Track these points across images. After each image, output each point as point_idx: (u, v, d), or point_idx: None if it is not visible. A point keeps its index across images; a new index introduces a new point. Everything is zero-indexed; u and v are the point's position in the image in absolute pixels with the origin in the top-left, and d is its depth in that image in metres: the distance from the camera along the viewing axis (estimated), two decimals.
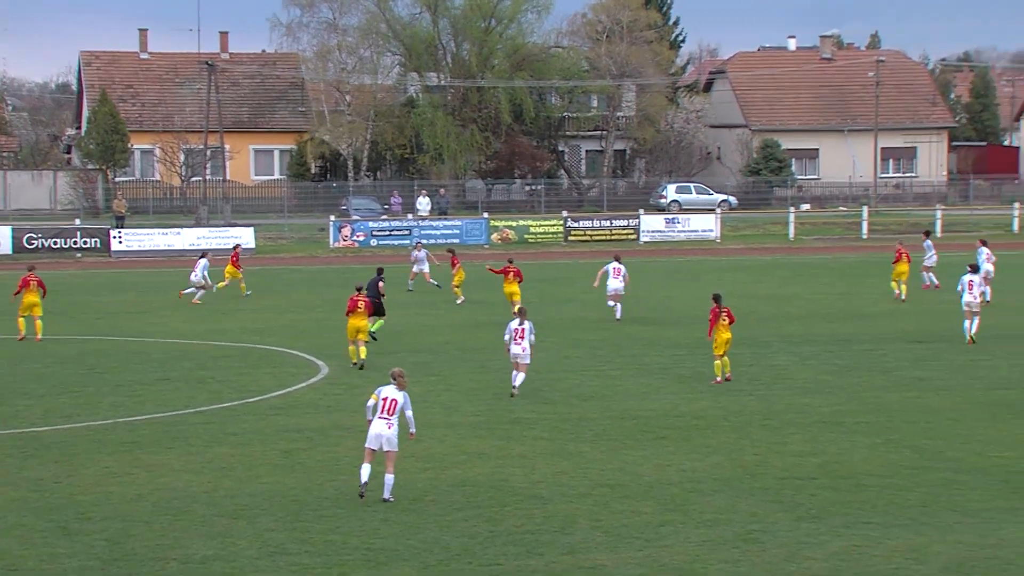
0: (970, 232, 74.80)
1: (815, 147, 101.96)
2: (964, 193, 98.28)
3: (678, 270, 57.54)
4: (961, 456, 22.33)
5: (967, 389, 28.23)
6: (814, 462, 22.02)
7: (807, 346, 34.52)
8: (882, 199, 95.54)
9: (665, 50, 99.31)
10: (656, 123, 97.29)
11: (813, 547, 17.53)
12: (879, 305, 43.07)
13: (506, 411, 26.51)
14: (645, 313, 41.62)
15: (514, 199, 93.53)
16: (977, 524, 18.38)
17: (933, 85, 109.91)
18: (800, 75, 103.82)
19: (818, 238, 74.01)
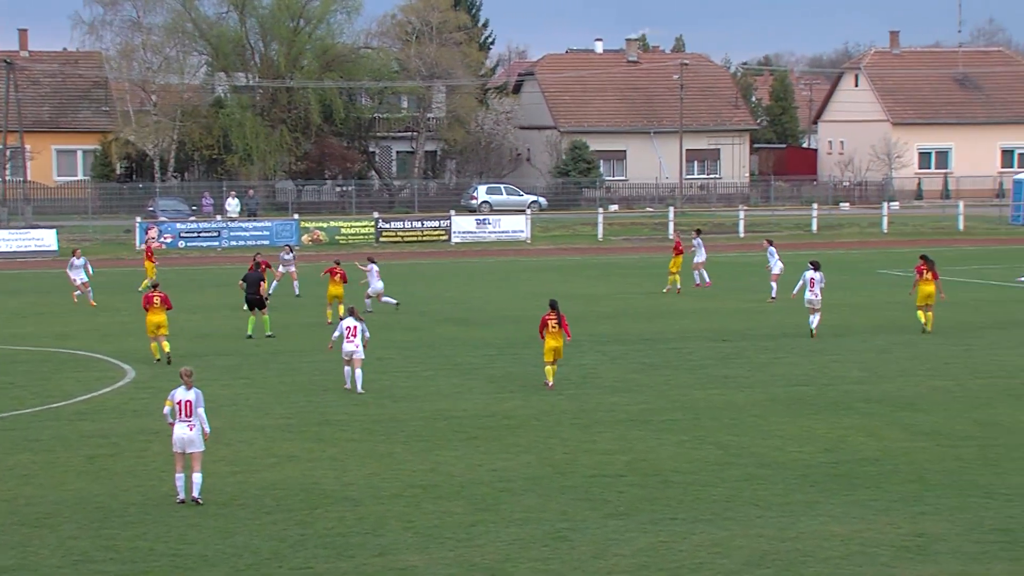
0: (771, 232, 76.73)
1: (623, 149, 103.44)
2: (765, 194, 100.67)
3: (489, 271, 57.86)
4: (763, 452, 22.90)
5: (769, 386, 28.94)
6: (622, 460, 22.37)
7: (615, 345, 35.03)
8: (687, 200, 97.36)
9: (475, 52, 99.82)
10: (466, 124, 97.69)
11: (621, 543, 17.82)
12: (685, 304, 43.89)
13: (317, 413, 26.39)
14: (457, 314, 41.78)
15: (325, 200, 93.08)
16: (778, 517, 18.88)
17: (735, 88, 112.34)
18: (607, 77, 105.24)
19: (626, 238, 75.10)
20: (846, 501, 19.66)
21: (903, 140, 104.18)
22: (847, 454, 22.59)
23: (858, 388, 28.54)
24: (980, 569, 16.58)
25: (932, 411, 26.02)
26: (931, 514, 18.91)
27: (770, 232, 76.21)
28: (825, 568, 16.72)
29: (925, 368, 30.89)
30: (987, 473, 21.19)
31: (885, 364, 31.48)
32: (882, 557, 17.09)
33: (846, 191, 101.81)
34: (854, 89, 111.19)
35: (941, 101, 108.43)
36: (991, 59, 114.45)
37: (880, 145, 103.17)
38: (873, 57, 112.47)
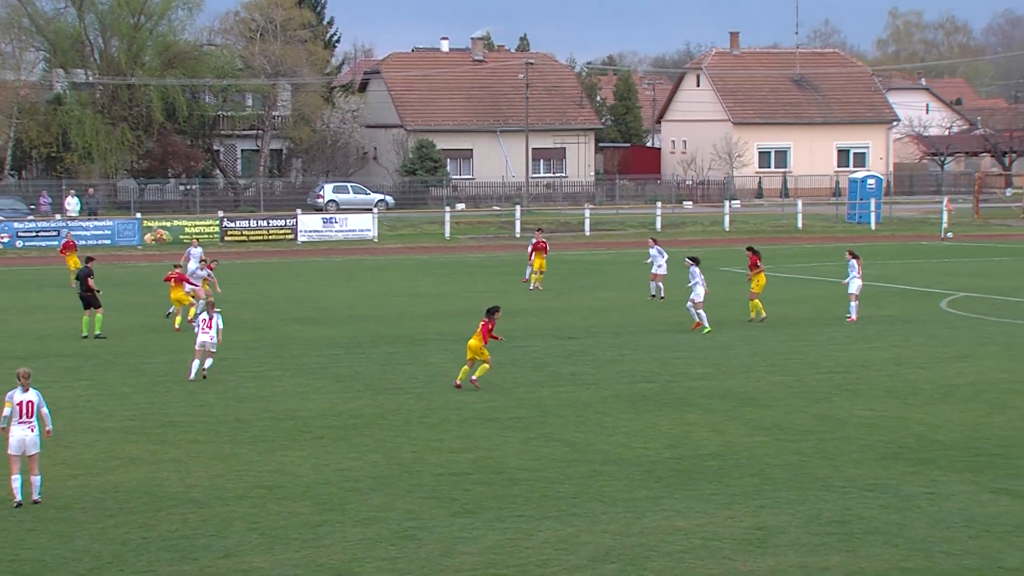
0: (615, 230, 77.53)
1: (469, 147, 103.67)
2: (611, 193, 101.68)
3: (336, 270, 57.57)
4: (608, 448, 23.14)
5: (614, 383, 29.24)
6: (469, 458, 22.44)
7: (462, 343, 35.01)
8: (534, 199, 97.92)
9: (320, 50, 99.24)
10: (312, 123, 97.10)
11: (468, 541, 17.88)
12: (530, 302, 44.13)
13: (160, 415, 26.03)
14: (304, 313, 41.52)
15: (168, 199, 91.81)
16: (623, 513, 19.09)
17: (580, 88, 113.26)
18: (453, 76, 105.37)
19: (473, 237, 75.28)
20: (689, 496, 19.95)
21: (743, 140, 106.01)
22: (690, 449, 22.93)
23: (701, 384, 28.97)
24: (818, 560, 16.95)
25: (773, 406, 26.52)
26: (771, 507, 19.28)
27: (616, 231, 77.01)
28: (668, 562, 16.96)
29: (766, 364, 31.47)
30: (825, 466, 21.66)
31: (728, 360, 31.99)
32: (724, 550, 17.38)
33: (689, 190, 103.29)
34: (696, 89, 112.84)
35: (780, 102, 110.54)
36: (827, 60, 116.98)
37: (721, 144, 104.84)
38: (714, 58, 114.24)
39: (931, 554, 17.09)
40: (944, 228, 73.11)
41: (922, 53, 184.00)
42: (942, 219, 74.49)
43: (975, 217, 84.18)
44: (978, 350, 33.16)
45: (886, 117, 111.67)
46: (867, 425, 24.63)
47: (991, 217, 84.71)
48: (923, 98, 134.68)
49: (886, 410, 25.97)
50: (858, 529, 18.16)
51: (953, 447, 22.82)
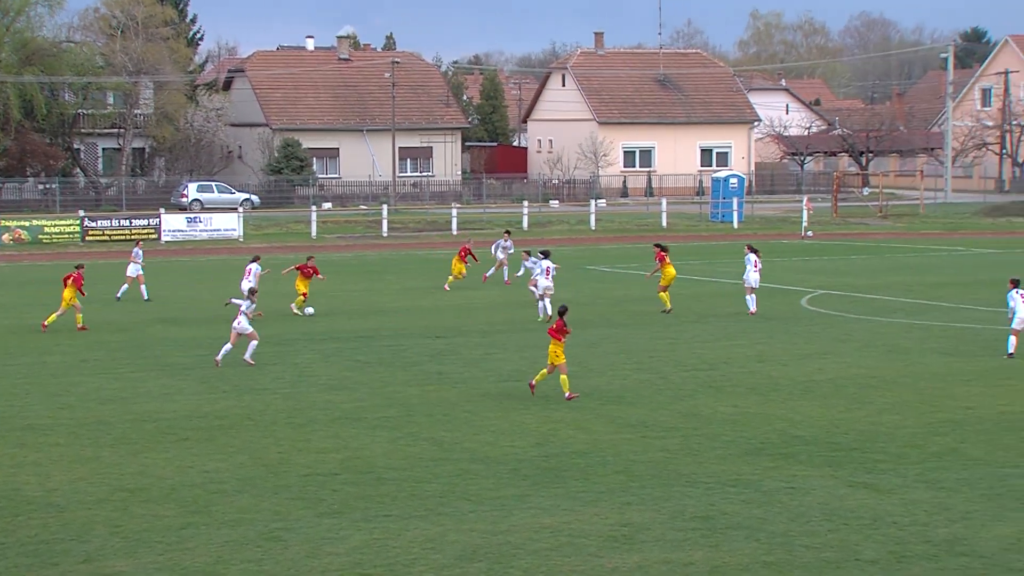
0: (484, 230, 77.71)
1: (335, 146, 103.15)
2: (478, 192, 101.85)
3: (201, 269, 56.95)
4: (475, 447, 23.20)
5: (481, 381, 29.32)
6: (336, 458, 22.35)
7: (330, 343, 34.95)
8: (401, 198, 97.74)
9: (183, 47, 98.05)
10: (175, 121, 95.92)
11: (335, 542, 17.81)
12: (400, 301, 44.08)
13: (19, 418, 25.55)
14: (168, 313, 41.01)
15: (27, 198, 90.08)
16: (490, 511, 19.16)
17: (446, 87, 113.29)
18: (319, 75, 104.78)
19: (340, 236, 74.92)
20: (556, 494, 20.08)
21: (609, 139, 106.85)
22: (557, 447, 23.07)
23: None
24: (682, 556, 17.16)
25: (638, 403, 26.79)
26: (637, 504, 19.47)
27: (484, 231, 77.19)
28: (535, 560, 17.05)
29: (632, 362, 31.76)
30: (689, 462, 21.93)
31: (594, 358, 32.24)
32: (590, 547, 17.53)
33: (555, 189, 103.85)
34: (561, 89, 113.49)
35: (644, 101, 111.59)
36: (690, 61, 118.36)
37: (587, 144, 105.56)
38: (579, 58, 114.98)
39: (792, 548, 17.40)
40: (804, 227, 74.37)
41: (782, 54, 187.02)
42: (802, 218, 75.78)
43: (834, 216, 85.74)
44: (838, 347, 33.80)
45: (747, 117, 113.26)
46: (730, 421, 24.99)
47: (849, 216, 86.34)
48: (783, 98, 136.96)
49: (749, 406, 26.37)
50: (721, 524, 18.42)
51: (813, 442, 23.24)
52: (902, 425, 24.54)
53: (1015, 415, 25.29)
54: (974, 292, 44.98)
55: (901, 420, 24.98)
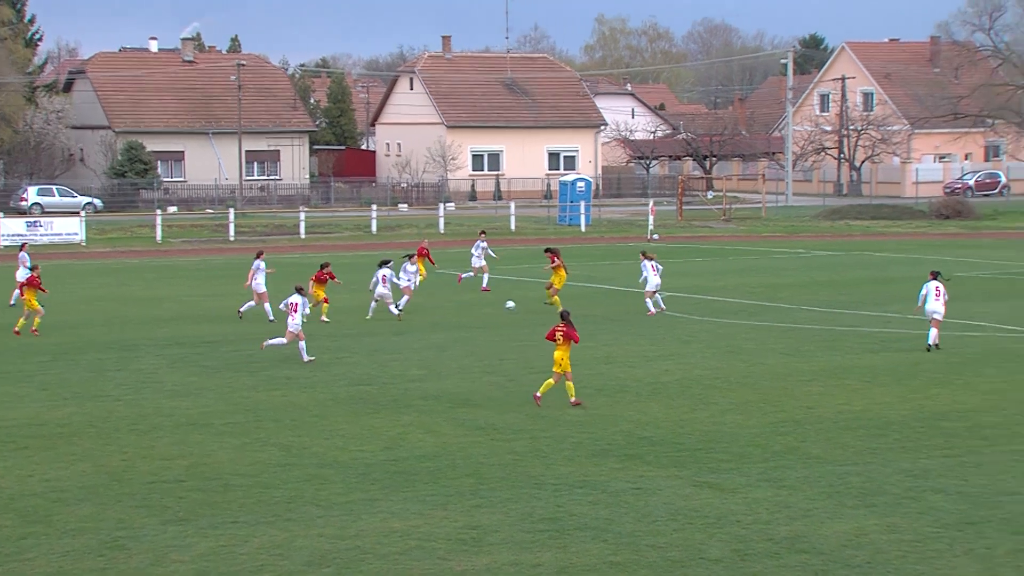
0: (332, 233, 77.32)
1: (181, 149, 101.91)
2: (326, 195, 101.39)
3: (42, 275, 55.66)
4: (324, 451, 23.09)
5: (331, 385, 29.19)
6: (182, 464, 22.08)
7: (176, 348, 34.51)
8: (248, 201, 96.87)
9: (20, 48, 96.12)
10: (14, 123, 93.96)
11: (181, 549, 17.60)
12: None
13: None
14: (5, 319, 40.09)
15: None
16: (339, 516, 19.09)
17: (293, 90, 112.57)
18: (163, 77, 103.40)
19: (186, 240, 73.96)
20: (405, 497, 20.08)
21: (457, 143, 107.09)
22: (406, 451, 23.07)
23: (417, 386, 29.16)
24: (530, 557, 17.28)
25: (487, 406, 26.89)
26: (486, 506, 19.56)
27: (330, 234, 76.80)
28: (384, 564, 17.04)
29: (481, 364, 31.86)
30: (538, 464, 22.08)
31: (443, 361, 32.28)
32: (439, 550, 17.56)
33: (404, 192, 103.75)
34: (409, 92, 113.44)
35: (492, 105, 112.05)
36: (537, 65, 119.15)
37: (435, 147, 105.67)
38: (427, 61, 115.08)
39: (638, 548, 17.62)
40: (650, 230, 75.27)
41: (628, 59, 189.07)
42: (648, 221, 76.68)
43: (679, 219, 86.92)
44: (682, 348, 34.28)
45: (594, 121, 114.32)
46: (578, 423, 25.20)
47: (694, 219, 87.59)
48: (629, 103, 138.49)
49: (596, 408, 26.62)
50: (569, 525, 18.58)
51: (659, 443, 23.55)
52: (745, 425, 24.99)
53: (853, 414, 25.90)
54: (813, 293, 45.94)
55: (744, 420, 25.42)
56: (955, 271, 53.07)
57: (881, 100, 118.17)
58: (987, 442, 23.41)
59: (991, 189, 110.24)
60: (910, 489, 20.28)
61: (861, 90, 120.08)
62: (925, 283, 33.88)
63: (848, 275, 53.17)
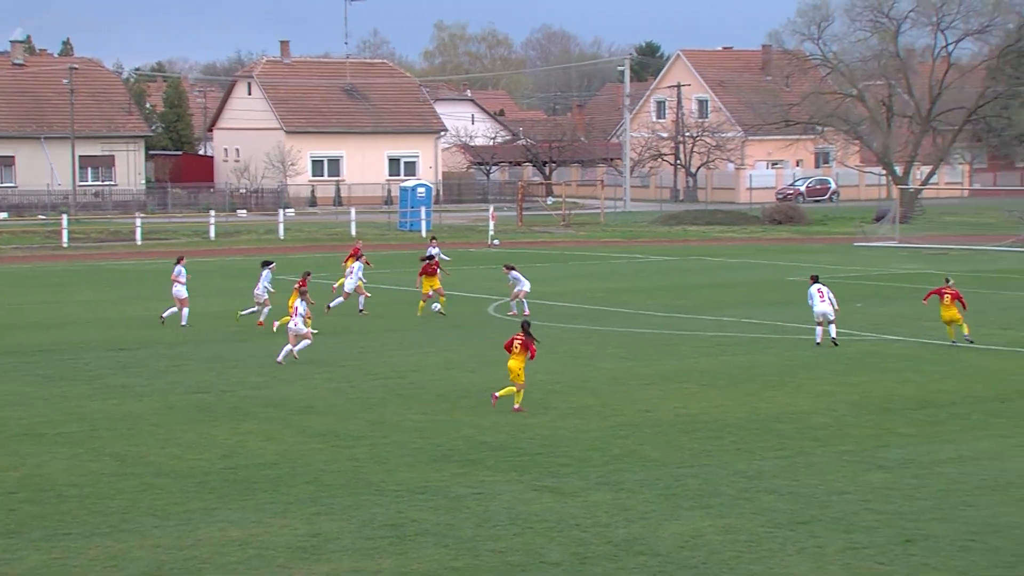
0: (169, 239, 76.24)
1: (11, 154, 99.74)
2: (163, 201, 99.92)
3: None
4: (161, 460, 22.78)
5: (168, 394, 28.80)
6: (14, 476, 21.60)
7: (7, 358, 33.75)
8: (82, 207, 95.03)
9: None
10: None
11: (11, 563, 17.22)
12: (82, 313, 42.86)
13: None
14: None
15: None
16: (176, 526, 18.85)
17: (128, 94, 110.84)
18: None
19: (17, 247, 72.26)
20: (244, 506, 19.89)
21: (296, 148, 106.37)
22: (245, 459, 22.86)
23: (257, 393, 28.91)
24: (371, 564, 17.24)
25: (328, 413, 26.76)
26: (326, 514, 19.47)
27: (169, 240, 75.75)
28: (223, 574, 16.86)
29: (322, 371, 31.69)
30: (379, 471, 22.04)
31: (283, 368, 32.02)
32: (279, 559, 17.43)
33: (243, 198, 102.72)
34: (248, 97, 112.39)
35: (331, 111, 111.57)
36: (377, 71, 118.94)
37: (274, 153, 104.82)
38: (265, 66, 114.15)
39: (479, 553, 17.69)
40: (491, 235, 75.55)
41: (467, 65, 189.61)
42: (489, 227, 76.97)
43: (519, 224, 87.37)
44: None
45: (434, 127, 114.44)
46: (419, 429, 25.21)
47: (534, 224, 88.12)
48: (469, 109, 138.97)
49: (437, 413, 26.66)
50: (410, 531, 18.59)
51: (500, 448, 23.66)
52: (585, 429, 25.22)
53: (690, 416, 26.30)
54: (652, 298, 46.54)
55: (584, 424, 25.66)
56: (787, 276, 54.23)
57: (715, 107, 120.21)
58: (818, 443, 23.96)
59: (821, 195, 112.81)
60: (745, 490, 20.66)
61: (696, 97, 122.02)
62: (809, 288, 35.02)
63: (685, 280, 53.98)
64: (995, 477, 21.35)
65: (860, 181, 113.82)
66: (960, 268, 57.70)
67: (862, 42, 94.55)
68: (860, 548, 17.71)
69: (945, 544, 17.85)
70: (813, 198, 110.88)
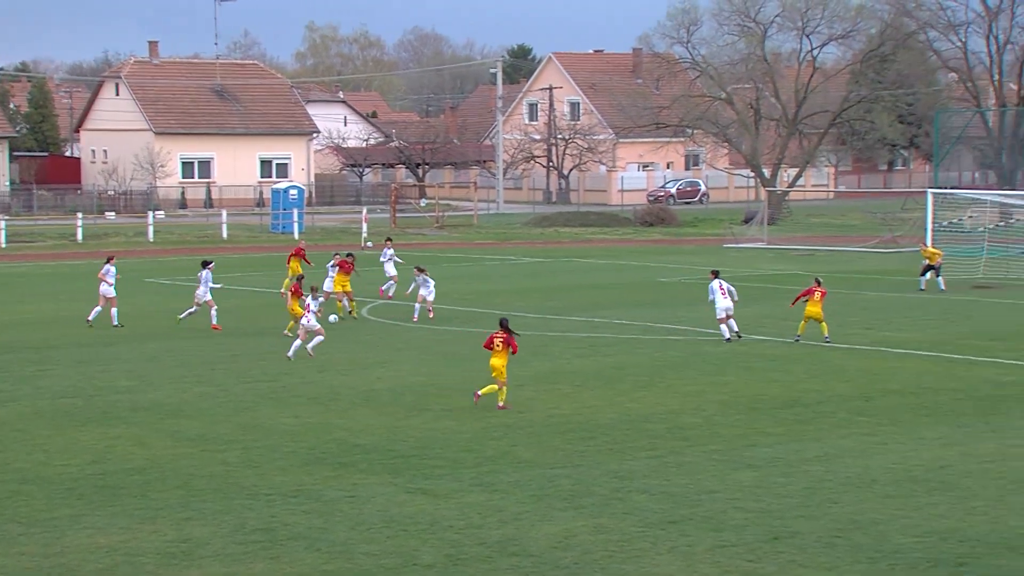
0: (35, 242, 74.88)
1: None
2: (28, 203, 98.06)
3: None
4: (27, 467, 22.39)
5: (34, 399, 28.33)
6: None
7: None
8: None
9: None
10: None
11: None
12: None
13: None
14: None
15: None
16: (42, 533, 18.54)
17: None
18: None
19: None
20: (112, 512, 19.63)
21: (166, 149, 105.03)
22: (114, 464, 22.55)
23: (126, 397, 28.54)
24: (243, 569, 17.12)
25: (198, 417, 26.51)
26: (197, 519, 19.28)
27: (33, 243, 74.44)
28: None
29: (192, 375, 31.38)
30: (250, 475, 21.88)
31: (154, 372, 31.67)
32: (147, 565, 17.24)
33: (111, 200, 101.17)
34: (115, 98, 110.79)
35: (201, 112, 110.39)
36: (247, 72, 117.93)
37: (143, 154, 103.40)
38: (133, 67, 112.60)
39: (352, 556, 17.65)
40: (364, 237, 75.28)
41: (339, 67, 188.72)
42: (362, 229, 76.69)
43: (392, 227, 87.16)
44: (396, 355, 34.44)
45: (306, 129, 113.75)
46: (291, 432, 25.07)
47: (407, 226, 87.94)
48: (341, 110, 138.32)
49: (310, 417, 26.53)
50: (282, 536, 18.48)
51: (373, 450, 23.61)
52: (458, 430, 25.27)
53: (562, 417, 26.47)
54: (525, 299, 46.72)
55: (457, 426, 25.71)
56: (658, 277, 54.81)
57: (587, 110, 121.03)
58: (688, 442, 24.25)
59: (692, 197, 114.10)
60: (616, 490, 20.85)
61: (568, 100, 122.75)
62: (710, 283, 35.87)
63: (558, 281, 54.27)
64: (859, 475, 21.79)
65: (729, 183, 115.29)
66: (825, 269, 58.74)
67: (730, 46, 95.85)
68: (729, 546, 17.97)
69: (811, 541, 18.18)
70: (684, 200, 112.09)
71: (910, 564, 17.22)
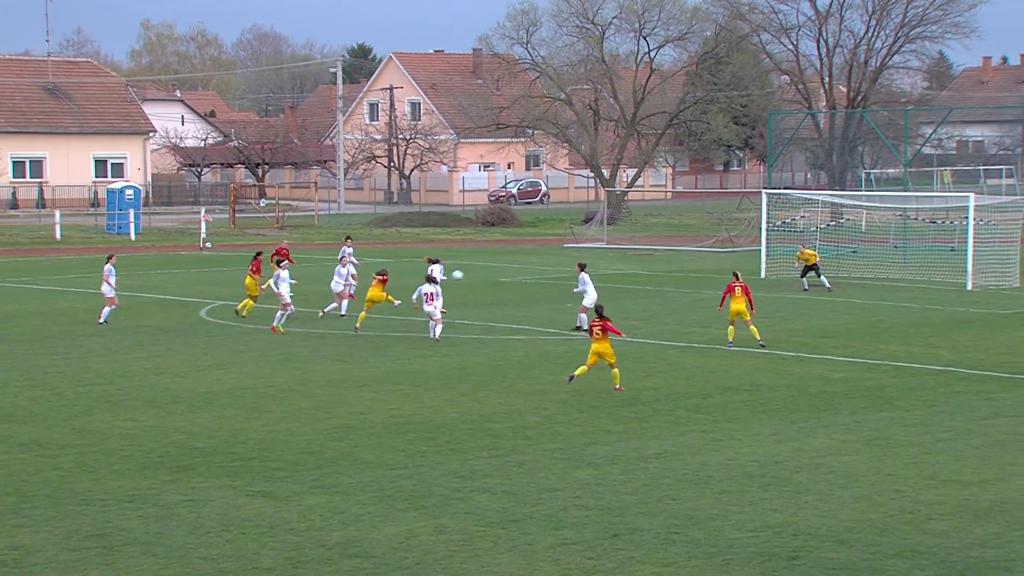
0: None
1: None
2: None
3: None
4: None
5: None
6: None
7: None
8: None
9: None
10: None
11: None
12: None
13: None
14: None
15: None
16: None
17: None
18: None
19: None
20: None
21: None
22: None
23: None
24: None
25: (30, 421, 25.94)
26: (28, 526, 18.87)
27: None
28: None
29: (24, 378, 30.70)
30: (85, 480, 21.47)
31: None
32: None
33: None
34: None
35: (33, 110, 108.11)
36: (81, 70, 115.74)
37: None
38: None
39: (190, 560, 17.42)
40: (203, 238, 74.36)
41: (176, 65, 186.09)
42: (201, 229, 75.75)
43: (231, 227, 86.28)
44: (236, 357, 34.08)
45: (143, 128, 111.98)
46: (128, 436, 24.66)
47: (247, 227, 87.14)
48: (179, 110, 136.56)
49: (147, 420, 26.13)
50: (118, 541, 18.17)
51: (212, 453, 23.34)
52: (299, 432, 25.09)
53: (403, 418, 26.44)
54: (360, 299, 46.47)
55: (298, 428, 25.53)
56: (500, 277, 55.07)
57: (428, 110, 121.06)
58: (530, 441, 24.39)
59: (533, 197, 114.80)
60: (458, 490, 20.89)
61: (409, 100, 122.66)
62: (579, 275, 37.44)
63: (398, 282, 54.13)
64: (696, 471, 22.12)
65: (569, 183, 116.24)
66: (664, 268, 59.55)
67: (569, 47, 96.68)
68: (569, 544, 18.11)
69: (650, 537, 18.41)
70: (525, 200, 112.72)
71: (745, 559, 17.53)
